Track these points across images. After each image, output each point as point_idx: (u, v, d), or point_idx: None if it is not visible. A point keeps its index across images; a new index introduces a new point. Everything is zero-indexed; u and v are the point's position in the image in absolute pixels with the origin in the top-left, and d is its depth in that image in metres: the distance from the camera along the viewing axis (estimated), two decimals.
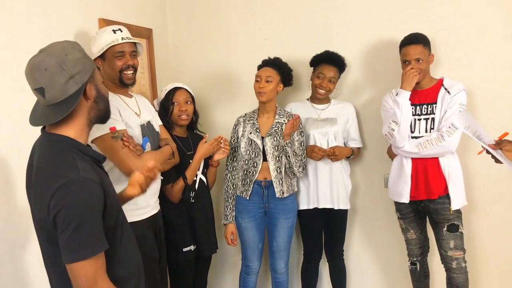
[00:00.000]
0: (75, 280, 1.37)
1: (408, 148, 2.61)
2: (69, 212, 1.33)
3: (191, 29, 3.43)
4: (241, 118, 2.94)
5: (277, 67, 2.85)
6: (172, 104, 2.69)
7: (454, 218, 2.62)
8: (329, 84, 2.90)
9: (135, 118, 2.28)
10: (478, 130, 2.05)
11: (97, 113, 1.54)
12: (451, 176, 2.60)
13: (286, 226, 2.91)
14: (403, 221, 2.82)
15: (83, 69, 1.45)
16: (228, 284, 3.53)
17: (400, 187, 2.71)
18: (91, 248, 1.36)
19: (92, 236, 1.37)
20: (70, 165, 1.40)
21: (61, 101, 1.42)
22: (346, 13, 3.09)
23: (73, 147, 1.46)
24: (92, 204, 1.38)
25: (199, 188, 2.72)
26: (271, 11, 3.26)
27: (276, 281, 3.02)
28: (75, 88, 1.42)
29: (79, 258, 1.35)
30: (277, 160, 2.82)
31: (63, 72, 1.40)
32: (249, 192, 2.84)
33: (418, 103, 2.64)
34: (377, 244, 3.23)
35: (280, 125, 2.85)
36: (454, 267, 2.64)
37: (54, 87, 1.40)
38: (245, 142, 2.85)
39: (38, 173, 1.43)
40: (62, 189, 1.34)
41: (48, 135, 1.48)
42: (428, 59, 2.64)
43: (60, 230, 1.35)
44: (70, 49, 1.45)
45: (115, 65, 2.20)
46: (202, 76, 3.42)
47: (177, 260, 2.63)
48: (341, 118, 2.97)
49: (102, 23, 2.49)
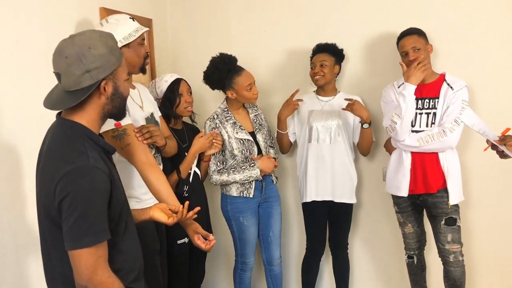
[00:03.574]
0: (75, 267, 1.37)
1: (409, 142, 2.61)
2: (75, 198, 1.33)
3: (190, 19, 3.41)
4: (216, 120, 2.82)
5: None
6: (179, 96, 2.66)
7: (452, 212, 2.63)
8: (322, 69, 2.88)
9: (140, 112, 2.27)
10: (483, 127, 2.07)
11: (111, 109, 1.52)
12: (449, 171, 2.61)
13: (279, 212, 3.03)
14: (400, 215, 2.83)
15: (103, 65, 1.43)
16: (221, 277, 3.55)
17: (398, 181, 2.71)
18: (93, 236, 1.36)
19: (95, 225, 1.37)
20: (80, 152, 1.40)
21: (74, 90, 1.42)
22: (347, 5, 3.08)
23: (85, 135, 1.46)
24: (98, 193, 1.38)
25: (194, 181, 2.71)
26: (271, 2, 3.24)
27: (272, 274, 3.04)
28: (89, 82, 1.42)
29: (80, 246, 1.35)
30: (268, 150, 2.95)
31: (80, 65, 1.40)
32: (252, 189, 2.85)
33: (420, 97, 2.65)
34: (374, 237, 3.24)
35: (256, 117, 2.93)
36: (451, 261, 2.66)
37: (69, 76, 1.40)
38: (236, 143, 2.81)
39: (47, 157, 1.43)
40: (70, 174, 1.34)
41: (63, 121, 1.47)
42: (426, 49, 2.65)
43: (65, 216, 1.35)
44: (96, 42, 1.43)
45: (141, 52, 2.21)
46: (202, 66, 3.38)
47: (172, 252, 2.62)
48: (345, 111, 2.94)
49: (103, 12, 2.47)
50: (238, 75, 2.74)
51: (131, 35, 2.15)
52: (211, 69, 2.77)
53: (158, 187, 2.05)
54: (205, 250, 2.01)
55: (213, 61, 2.78)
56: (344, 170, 2.94)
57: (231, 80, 2.74)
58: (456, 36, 2.87)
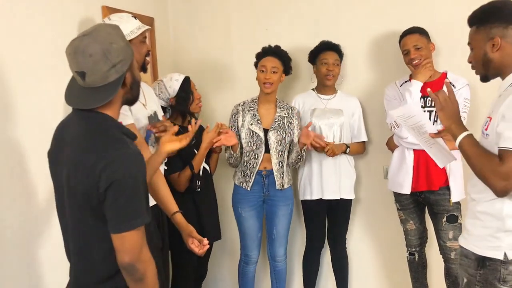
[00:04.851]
0: (124, 248, 1.43)
1: (412, 139, 2.62)
2: (123, 184, 1.39)
3: (192, 18, 3.42)
4: (240, 106, 2.91)
5: (279, 56, 2.84)
6: (192, 94, 2.72)
7: (454, 209, 2.65)
8: (335, 68, 2.92)
9: (143, 110, 2.27)
10: (422, 120, 2.06)
11: (130, 97, 1.59)
12: (452, 168, 2.61)
13: (286, 213, 2.96)
14: (402, 212, 2.84)
15: (125, 58, 1.48)
16: (226, 272, 3.55)
17: (401, 178, 2.73)
18: (141, 217, 1.45)
19: (142, 207, 1.46)
20: (120, 139, 1.47)
21: (100, 86, 1.45)
22: (347, 3, 3.10)
23: (115, 125, 1.53)
24: (142, 176, 1.46)
25: (203, 176, 2.74)
26: (273, 0, 3.25)
27: (275, 270, 3.06)
28: (115, 76, 1.46)
29: (132, 227, 1.42)
30: (280, 155, 2.85)
31: (106, 61, 1.44)
32: (250, 184, 2.85)
33: (423, 95, 2.65)
34: (376, 234, 3.26)
35: (282, 118, 2.86)
36: (452, 258, 2.67)
37: (96, 74, 1.43)
38: (246, 133, 2.84)
39: (83, 148, 1.46)
40: (115, 162, 1.40)
41: (90, 113, 1.50)
42: (428, 47, 2.67)
43: (112, 201, 1.40)
44: (115, 37, 1.48)
45: (142, 50, 2.24)
46: (203, 64, 3.41)
47: (181, 248, 2.64)
48: (347, 110, 2.98)
49: (105, 11, 2.48)
50: (265, 56, 2.85)
51: (132, 33, 2.17)
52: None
53: (157, 187, 2.11)
54: (198, 254, 2.10)
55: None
56: (346, 168, 2.98)
57: (260, 59, 2.87)
58: (458, 34, 2.85)
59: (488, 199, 1.72)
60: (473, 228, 1.79)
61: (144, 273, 1.47)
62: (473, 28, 1.79)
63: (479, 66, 1.80)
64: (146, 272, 1.47)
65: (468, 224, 1.83)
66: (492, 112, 1.72)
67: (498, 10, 1.72)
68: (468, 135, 1.73)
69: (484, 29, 1.73)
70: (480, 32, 1.75)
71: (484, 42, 1.73)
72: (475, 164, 1.69)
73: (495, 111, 1.69)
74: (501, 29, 1.69)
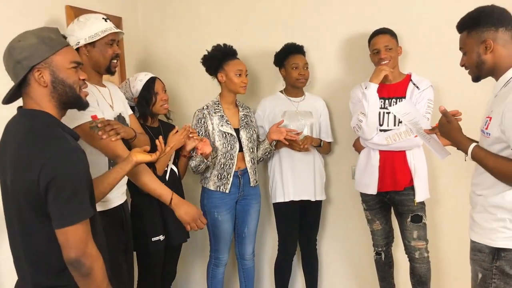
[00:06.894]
0: (68, 243, 1.44)
1: (377, 140, 2.66)
2: (64, 179, 1.41)
3: (161, 18, 3.40)
4: (205, 110, 2.87)
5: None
6: (155, 94, 2.69)
7: (418, 209, 2.69)
8: (306, 71, 2.95)
9: (110, 111, 2.25)
10: (417, 117, 2.15)
11: (59, 97, 1.56)
12: (416, 169, 2.66)
13: (257, 210, 3.04)
14: (369, 212, 2.88)
15: (32, 54, 1.50)
16: (197, 273, 3.54)
17: (367, 179, 2.76)
18: (85, 211, 1.46)
19: (85, 201, 1.47)
20: (59, 135, 1.49)
21: (18, 83, 1.51)
22: (317, 5, 3.11)
23: (54, 122, 1.54)
24: (84, 171, 1.49)
25: (170, 178, 2.71)
26: (243, 1, 3.26)
27: (244, 268, 3.09)
28: (23, 73, 1.50)
29: (75, 221, 1.43)
30: (251, 151, 2.92)
31: (10, 57, 1.50)
32: (228, 185, 2.85)
33: (387, 97, 2.69)
34: (344, 234, 3.28)
35: (246, 117, 2.94)
36: (417, 257, 2.71)
37: (9, 71, 1.53)
38: (218, 136, 2.83)
39: (22, 146, 1.47)
40: (55, 157, 1.41)
41: (28, 111, 1.54)
42: (397, 49, 2.72)
43: (54, 197, 1.41)
44: (27, 35, 1.52)
45: (107, 53, 2.21)
46: (173, 66, 3.39)
47: (147, 249, 2.62)
48: (314, 111, 3.02)
49: (69, 10, 2.45)
50: (231, 59, 2.85)
51: (96, 35, 2.16)
52: (211, 52, 2.88)
53: (144, 179, 2.13)
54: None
55: (215, 46, 2.89)
56: (317, 168, 3.01)
57: (224, 62, 2.83)
58: (424, 37, 2.92)
59: (498, 192, 1.81)
60: (484, 222, 1.88)
61: (90, 267, 1.47)
62: (464, 33, 1.89)
63: (473, 68, 1.90)
64: (92, 267, 1.47)
65: (478, 218, 1.91)
66: (492, 112, 1.80)
67: (487, 14, 1.82)
68: (475, 146, 1.84)
69: (476, 33, 1.83)
70: (472, 36, 1.84)
71: (476, 45, 1.83)
72: (494, 167, 1.78)
73: (494, 111, 1.78)
74: (492, 32, 1.80)
